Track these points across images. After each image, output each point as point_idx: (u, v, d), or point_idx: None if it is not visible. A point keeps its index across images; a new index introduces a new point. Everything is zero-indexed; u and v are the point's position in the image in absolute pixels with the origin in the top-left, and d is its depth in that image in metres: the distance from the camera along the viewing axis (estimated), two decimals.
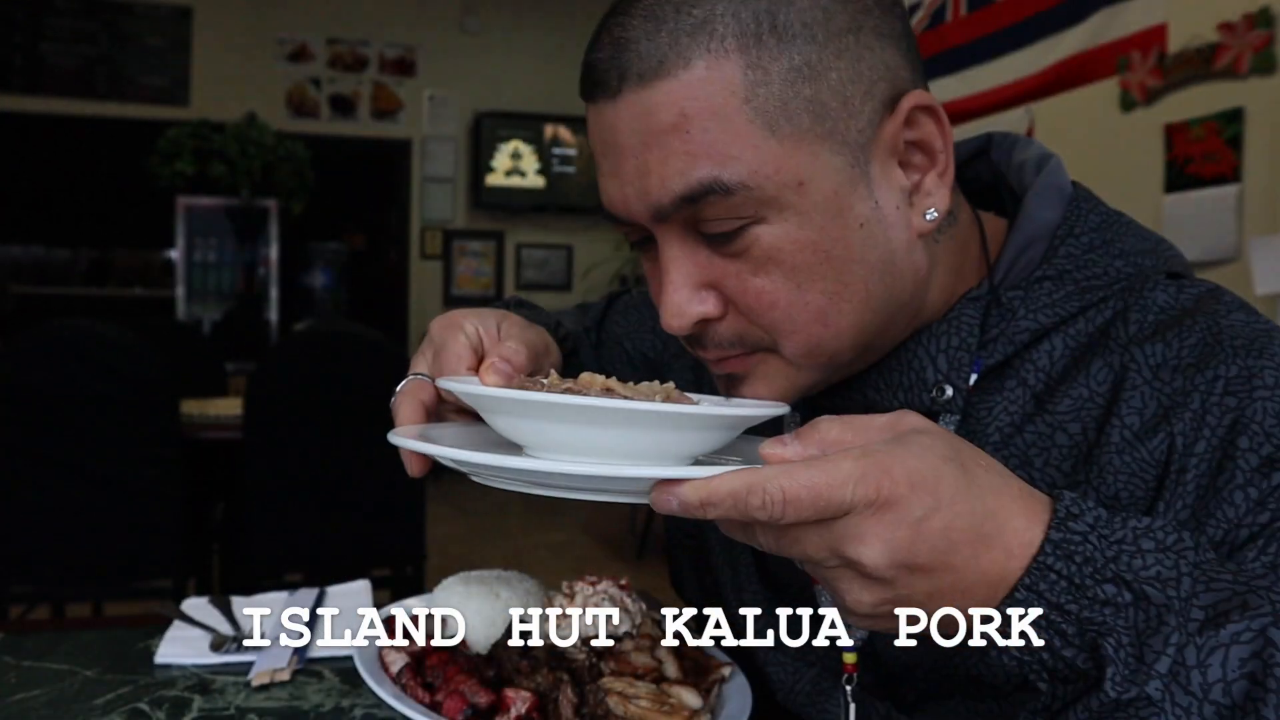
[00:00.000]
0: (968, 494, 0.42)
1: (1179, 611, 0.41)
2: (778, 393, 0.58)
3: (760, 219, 0.52)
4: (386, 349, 2.35)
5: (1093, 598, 0.41)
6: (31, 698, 0.69)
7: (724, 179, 0.51)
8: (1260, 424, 0.49)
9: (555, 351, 0.67)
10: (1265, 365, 0.51)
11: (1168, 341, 0.54)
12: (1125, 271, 0.58)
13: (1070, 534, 0.42)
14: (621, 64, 0.52)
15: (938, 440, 0.43)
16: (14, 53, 5.99)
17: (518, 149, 6.72)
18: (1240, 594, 0.41)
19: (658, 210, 0.53)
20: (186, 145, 5.17)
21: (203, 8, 6.26)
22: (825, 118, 0.52)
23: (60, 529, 2.20)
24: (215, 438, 2.40)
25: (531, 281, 6.93)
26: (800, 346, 0.55)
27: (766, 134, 0.51)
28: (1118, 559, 0.42)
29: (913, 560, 0.42)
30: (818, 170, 0.52)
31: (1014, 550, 0.43)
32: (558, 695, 0.61)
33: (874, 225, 0.54)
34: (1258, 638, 0.40)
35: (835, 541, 0.42)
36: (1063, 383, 0.56)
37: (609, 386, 0.49)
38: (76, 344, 2.14)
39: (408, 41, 6.61)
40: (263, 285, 5.64)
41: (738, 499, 0.41)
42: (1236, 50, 2.93)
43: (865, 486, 0.40)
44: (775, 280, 0.53)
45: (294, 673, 0.75)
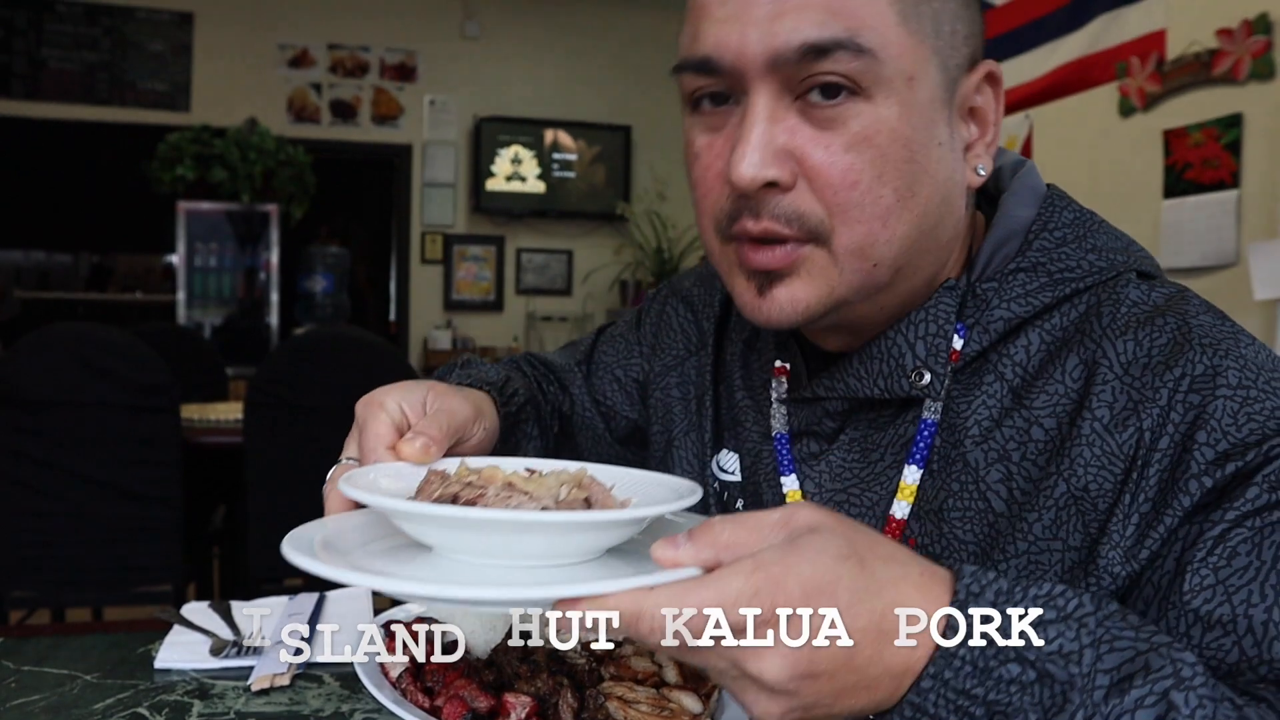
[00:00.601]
0: (866, 592, 0.42)
1: (1082, 688, 0.41)
2: (818, 295, 0.57)
3: (869, 95, 0.53)
4: (387, 353, 2.35)
5: (998, 679, 0.41)
6: (31, 702, 0.69)
7: (859, 40, 0.52)
8: (1219, 420, 0.51)
9: (488, 414, 0.66)
10: (1229, 365, 0.53)
11: (1139, 339, 0.55)
12: (1097, 265, 0.59)
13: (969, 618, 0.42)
14: None
15: (832, 539, 0.43)
16: (15, 58, 6.00)
17: (518, 154, 6.73)
18: (1143, 654, 0.42)
19: (778, 55, 0.53)
20: (187, 150, 5.17)
21: (204, 13, 6.28)
22: (940, 35, 0.56)
23: (60, 533, 2.20)
24: (216, 442, 2.40)
25: (531, 286, 6.94)
26: (856, 239, 0.56)
27: (900, 21, 0.53)
28: None
29: (813, 669, 0.41)
30: (926, 74, 0.55)
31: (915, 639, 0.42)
32: (558, 700, 0.61)
33: (947, 151, 0.57)
34: (1160, 701, 0.40)
35: (734, 658, 0.41)
36: (1039, 378, 0.58)
37: (510, 481, 0.50)
38: (77, 348, 2.14)
39: (408, 47, 6.62)
40: (263, 290, 5.65)
41: (628, 623, 0.40)
42: (1235, 56, 2.93)
43: (758, 599, 0.40)
44: (864, 160, 0.54)
45: (294, 677, 0.75)
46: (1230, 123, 2.95)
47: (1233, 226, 2.94)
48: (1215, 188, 3.00)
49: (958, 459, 0.59)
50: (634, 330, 0.84)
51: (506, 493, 0.49)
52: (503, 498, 0.49)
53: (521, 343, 6.87)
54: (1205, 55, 3.02)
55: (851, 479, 0.64)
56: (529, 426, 0.74)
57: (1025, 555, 0.55)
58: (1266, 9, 2.85)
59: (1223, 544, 0.49)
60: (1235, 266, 2.94)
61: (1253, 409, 0.51)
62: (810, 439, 0.67)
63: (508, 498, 0.49)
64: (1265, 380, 0.53)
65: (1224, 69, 2.96)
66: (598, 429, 0.83)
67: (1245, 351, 0.54)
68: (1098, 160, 3.46)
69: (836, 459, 0.64)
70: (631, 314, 0.86)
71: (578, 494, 0.50)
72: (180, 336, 3.74)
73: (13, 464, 2.16)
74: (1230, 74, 2.94)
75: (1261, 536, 0.48)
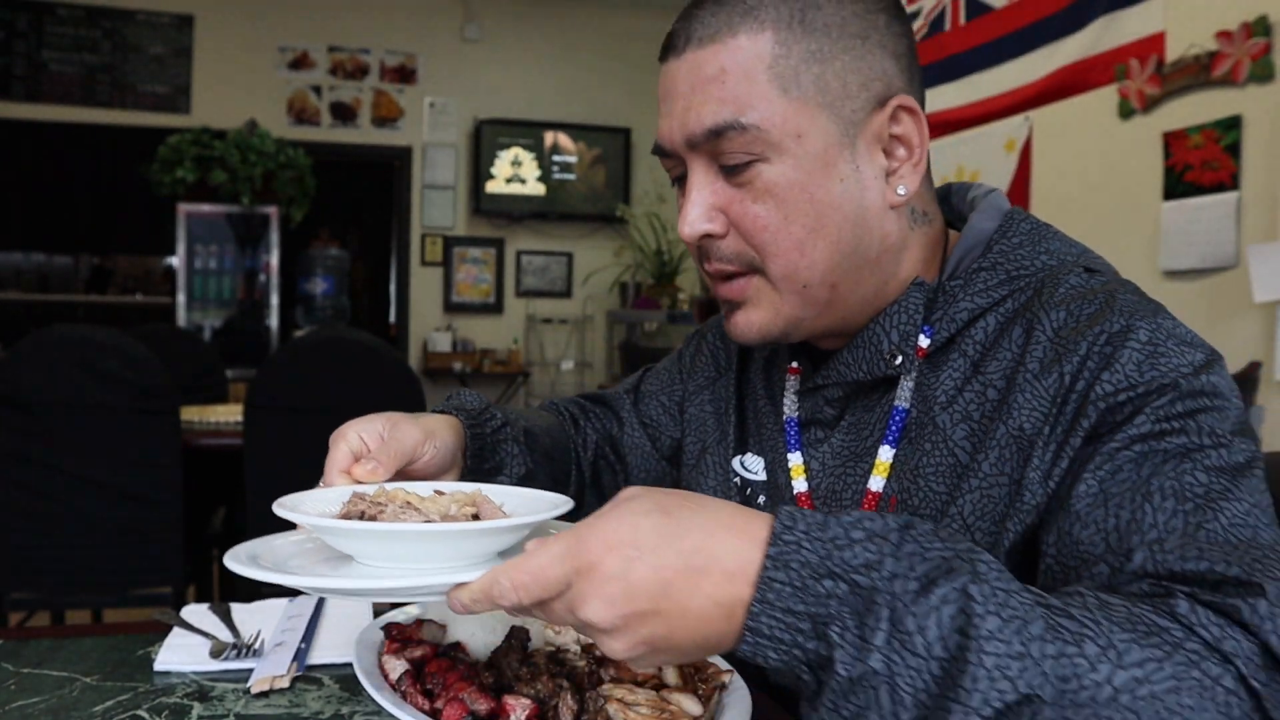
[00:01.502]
0: (671, 536, 0.49)
1: (884, 590, 0.46)
2: (767, 317, 0.71)
3: (765, 158, 0.67)
4: (386, 356, 2.35)
5: (816, 594, 0.47)
6: (31, 705, 0.69)
7: (742, 120, 0.66)
8: (1123, 365, 0.60)
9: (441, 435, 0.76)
10: (1143, 327, 0.61)
11: (1070, 310, 0.65)
12: (1049, 264, 0.70)
13: (785, 546, 0.48)
14: (689, 30, 0.69)
15: (640, 501, 0.51)
16: (16, 60, 6.00)
17: (518, 156, 6.74)
18: (948, 560, 0.48)
19: (690, 139, 0.68)
20: (188, 152, 5.17)
21: (204, 16, 6.28)
22: (826, 92, 0.67)
23: (60, 535, 2.19)
24: (216, 444, 2.40)
25: (531, 288, 6.94)
26: (781, 268, 0.69)
27: (779, 93, 0.66)
28: (830, 556, 0.48)
29: (632, 607, 0.49)
30: (814, 129, 0.67)
31: (733, 572, 0.49)
32: (557, 702, 0.61)
33: (851, 184, 0.68)
34: (960, 595, 0.46)
35: (571, 608, 0.50)
36: (992, 349, 0.68)
37: (408, 500, 0.60)
38: (77, 350, 2.14)
39: (408, 49, 6.63)
40: (263, 292, 5.65)
41: (487, 595, 0.51)
42: (1235, 58, 2.93)
43: (568, 560, 0.49)
44: (769, 209, 0.68)
45: (293, 679, 0.75)
46: (1230, 125, 2.95)
47: (1232, 228, 2.94)
48: (1215, 190, 3.00)
49: (929, 424, 0.69)
50: (676, 362, 0.98)
51: (402, 510, 0.59)
52: (397, 513, 0.58)
53: (521, 345, 6.87)
54: (1205, 57, 3.02)
55: (846, 457, 0.74)
56: (509, 446, 0.83)
57: (978, 490, 0.65)
58: (1266, 11, 2.85)
59: (1111, 461, 0.58)
60: (1235, 269, 2.94)
61: (1157, 361, 0.60)
62: (816, 427, 0.78)
63: (401, 513, 0.59)
64: (1174, 343, 0.61)
65: (1223, 71, 2.96)
66: (645, 448, 0.95)
67: (1161, 321, 0.62)
68: (1097, 162, 3.46)
69: (837, 441, 0.75)
70: (675, 352, 1.00)
71: (466, 510, 0.60)
72: (180, 339, 3.75)
73: (12, 466, 2.16)
74: (1230, 76, 2.95)
75: (1144, 458, 0.57)
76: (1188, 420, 0.58)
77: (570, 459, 0.93)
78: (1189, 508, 0.54)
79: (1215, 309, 3.01)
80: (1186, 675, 0.45)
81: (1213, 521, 0.53)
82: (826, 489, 0.74)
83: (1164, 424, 0.58)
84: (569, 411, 0.98)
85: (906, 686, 0.45)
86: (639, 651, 0.50)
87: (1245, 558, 0.50)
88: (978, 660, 0.44)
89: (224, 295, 5.61)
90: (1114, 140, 3.39)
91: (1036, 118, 3.74)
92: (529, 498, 0.69)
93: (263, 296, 5.63)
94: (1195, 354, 0.61)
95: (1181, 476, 0.55)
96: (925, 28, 4.37)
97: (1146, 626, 0.47)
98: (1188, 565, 0.51)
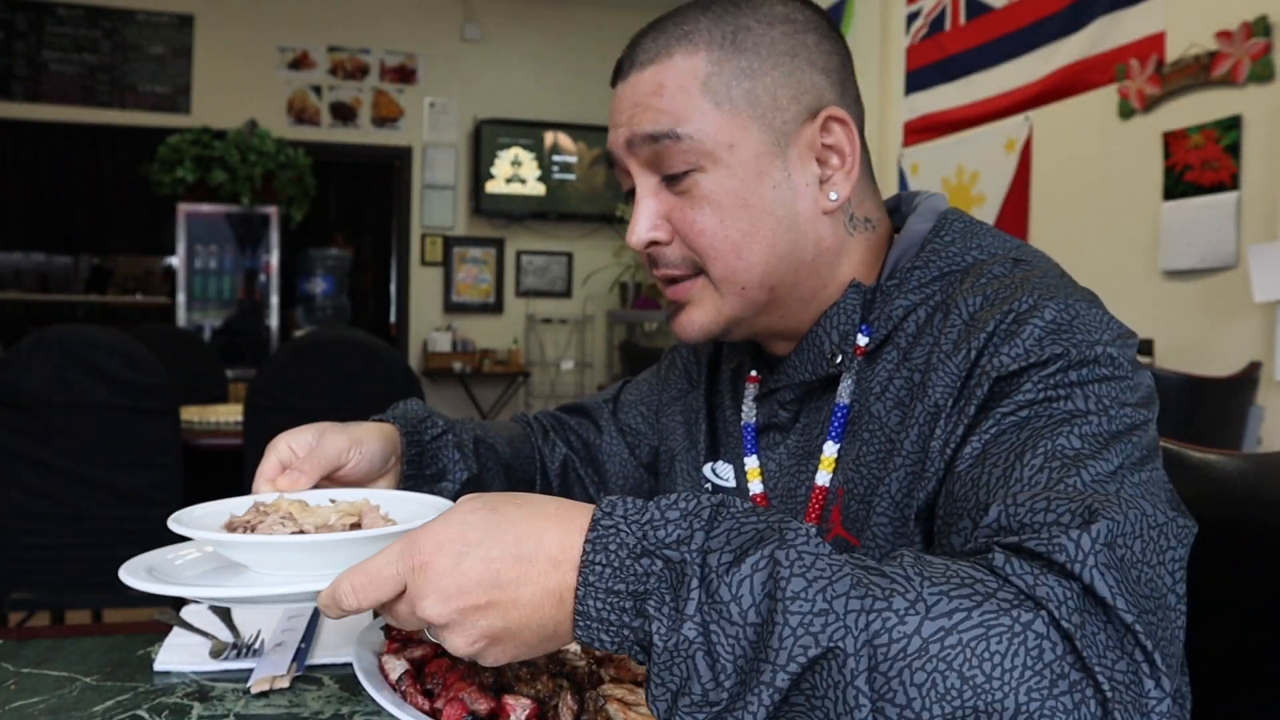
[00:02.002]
0: (497, 530, 0.52)
1: (694, 562, 0.48)
2: (709, 316, 0.75)
3: (701, 168, 0.71)
4: (386, 355, 2.35)
5: (634, 573, 0.49)
6: (31, 705, 0.69)
7: (677, 130, 0.71)
8: (1023, 339, 0.61)
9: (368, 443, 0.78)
10: (1049, 306, 0.63)
11: (986, 294, 0.67)
12: (979, 259, 0.72)
13: (603, 531, 0.50)
14: (632, 56, 0.75)
15: (471, 502, 0.54)
16: (16, 60, 6.00)
17: (518, 156, 6.74)
18: (760, 532, 0.50)
19: (630, 141, 0.73)
20: (188, 152, 5.17)
21: (204, 16, 6.28)
22: (757, 105, 0.71)
23: (60, 535, 2.19)
24: (215, 444, 2.40)
25: (531, 288, 6.94)
26: (721, 270, 0.73)
27: (712, 106, 0.71)
28: (645, 537, 0.50)
29: (466, 600, 0.51)
30: (746, 139, 0.71)
31: (558, 559, 0.51)
32: (558, 702, 0.61)
33: (784, 190, 0.72)
34: (769, 561, 0.48)
35: (410, 608, 0.52)
36: (919, 337, 0.70)
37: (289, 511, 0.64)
38: (77, 350, 2.14)
39: (408, 49, 6.63)
40: (263, 292, 5.65)
41: (332, 599, 0.54)
42: (1235, 58, 2.93)
43: (403, 560, 0.52)
44: (706, 216, 0.72)
45: (293, 679, 0.75)
46: (1230, 125, 2.95)
47: (1232, 228, 2.94)
48: (1215, 190, 3.00)
49: (867, 414, 0.72)
50: (654, 374, 1.00)
51: (282, 520, 0.63)
52: (274, 525, 0.62)
53: (521, 345, 6.87)
54: (1205, 57, 3.02)
55: (800, 457, 0.77)
56: (450, 452, 0.87)
57: (902, 468, 0.67)
58: (1266, 11, 2.85)
59: (996, 425, 0.60)
60: (1235, 269, 2.94)
61: (1058, 337, 0.61)
62: (774, 431, 0.81)
63: (279, 524, 0.62)
64: (1080, 324, 0.62)
65: (1223, 71, 2.96)
66: (623, 455, 0.97)
67: (1073, 304, 0.63)
68: (1097, 162, 3.46)
69: (791, 442, 0.78)
70: (657, 364, 1.03)
71: (347, 520, 0.63)
72: (180, 339, 3.75)
73: (12, 466, 2.16)
74: (1230, 76, 2.95)
75: (1026, 423, 0.59)
76: (1075, 389, 0.59)
77: (534, 468, 0.96)
78: (1055, 465, 0.55)
79: (1215, 309, 3.01)
80: (995, 623, 0.46)
81: (1074, 477, 0.54)
82: (782, 488, 0.77)
83: (1051, 391, 0.59)
84: (540, 424, 1.00)
85: (725, 653, 0.47)
86: (479, 645, 0.52)
87: (1088, 503, 0.51)
88: (783, 620, 0.46)
89: (224, 295, 5.61)
90: (1114, 140, 3.39)
91: (1036, 118, 3.74)
92: (422, 504, 0.72)
93: (262, 296, 5.63)
94: (1101, 333, 0.61)
95: (1056, 439, 0.56)
96: (925, 28, 4.37)
97: (959, 580, 0.48)
98: (1035, 517, 0.52)
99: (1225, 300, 2.98)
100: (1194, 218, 3.06)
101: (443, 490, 0.85)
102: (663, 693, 0.48)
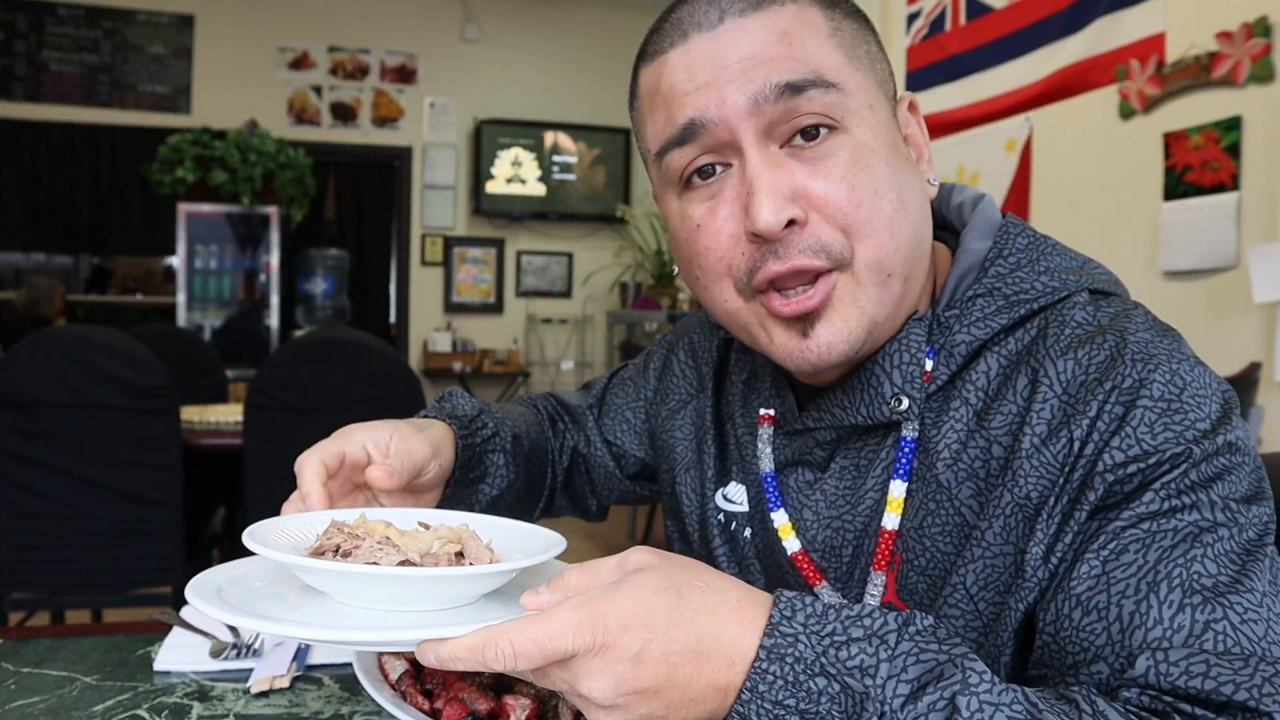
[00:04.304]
0: (681, 619, 0.48)
1: (875, 698, 0.46)
2: (854, 320, 0.61)
3: (845, 127, 0.60)
4: (386, 356, 2.35)
5: (807, 691, 0.47)
6: (31, 704, 0.69)
7: (826, 76, 0.60)
8: (1134, 427, 0.55)
9: (445, 454, 0.73)
10: (1156, 379, 0.57)
11: (1078, 358, 0.59)
12: (1050, 285, 0.64)
13: (781, 638, 0.48)
14: (720, 6, 0.61)
15: (653, 576, 0.50)
16: (16, 61, 6.00)
17: (518, 156, 6.74)
18: (941, 664, 0.47)
19: (758, 97, 0.59)
20: (188, 152, 5.17)
21: (205, 16, 6.28)
22: (876, 71, 0.64)
23: (60, 535, 2.19)
24: (215, 444, 2.40)
25: (531, 289, 6.94)
26: (872, 253, 0.60)
27: (848, 62, 0.61)
28: (825, 653, 0.48)
29: (637, 687, 0.48)
30: (879, 102, 0.63)
31: (733, 659, 0.48)
32: (557, 703, 0.61)
33: (911, 166, 0.64)
34: (948, 705, 0.46)
35: (570, 679, 0.48)
36: (996, 399, 0.62)
37: (387, 535, 0.56)
38: (77, 350, 2.14)
39: (409, 49, 6.63)
40: (263, 292, 5.64)
41: (475, 654, 0.48)
42: (1235, 59, 2.93)
43: (583, 635, 0.47)
44: (859, 182, 0.60)
45: (293, 679, 0.75)
46: (1230, 125, 2.95)
47: (1233, 229, 2.94)
48: (1215, 190, 3.00)
49: (932, 480, 0.63)
50: (641, 374, 0.91)
51: (380, 546, 0.55)
52: (374, 549, 0.55)
53: (521, 345, 6.87)
54: (1205, 58, 3.02)
55: (845, 504, 0.68)
56: (495, 457, 0.80)
57: (981, 560, 0.60)
58: (1266, 12, 2.85)
59: (1116, 540, 0.54)
60: (1235, 269, 2.94)
61: (1170, 420, 0.55)
62: (804, 468, 0.71)
63: (379, 549, 0.55)
64: (1189, 395, 0.56)
65: (1223, 71, 2.96)
66: (609, 467, 0.91)
67: (1176, 367, 0.57)
68: (1097, 163, 3.46)
69: (830, 486, 0.69)
70: (641, 358, 0.93)
71: (450, 548, 0.57)
72: (180, 338, 3.74)
73: (12, 466, 2.16)
74: (1230, 76, 2.95)
75: (1151, 539, 0.53)
76: (1199, 493, 0.54)
77: (547, 461, 0.90)
78: (1196, 601, 0.51)
79: (1215, 309, 3.01)
80: None
81: (1221, 621, 0.51)
82: (823, 542, 0.68)
83: (1174, 500, 0.54)
84: (546, 411, 0.94)
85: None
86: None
87: (1254, 677, 0.49)
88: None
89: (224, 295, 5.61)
90: (1114, 141, 3.39)
91: (1037, 118, 3.74)
92: (517, 532, 0.64)
93: (263, 296, 5.63)
94: (1210, 404, 0.56)
95: (1190, 565, 0.52)
96: (925, 28, 4.37)
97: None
98: (1192, 683, 0.49)
99: (1225, 301, 2.98)
100: (1194, 218, 3.06)
101: (480, 493, 0.78)
102: None
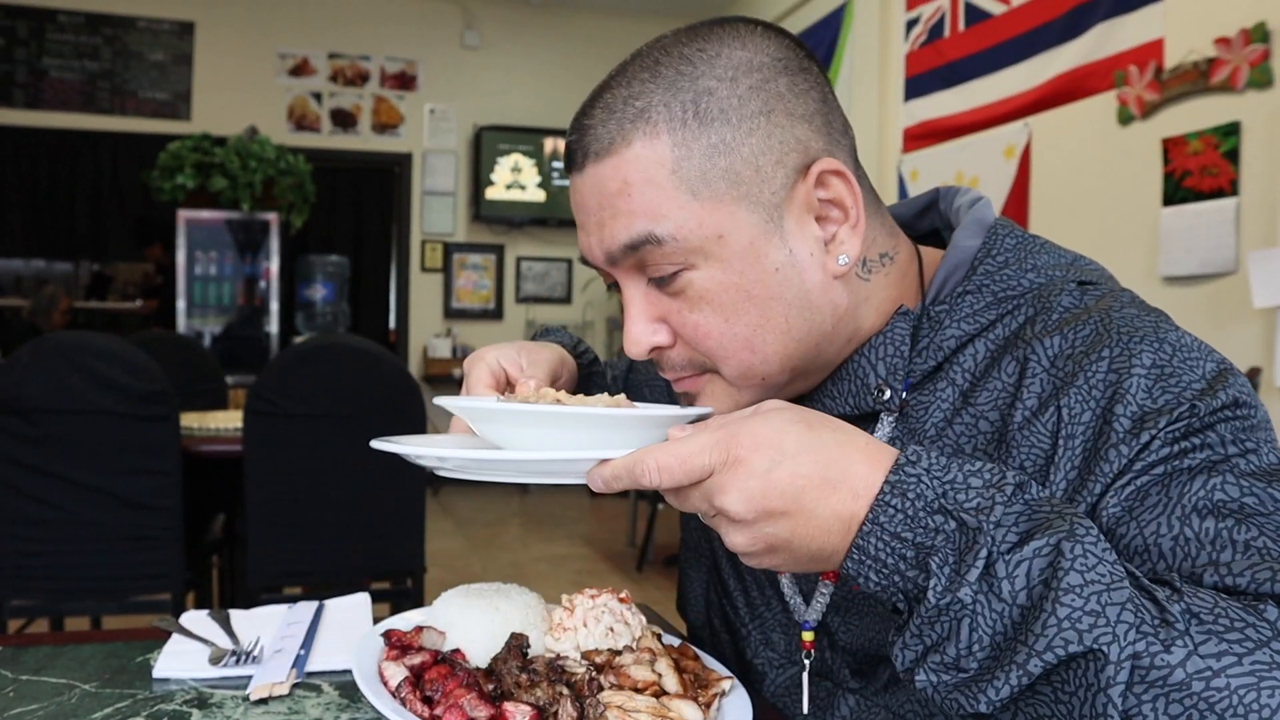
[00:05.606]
0: (811, 448, 0.52)
1: (988, 533, 0.49)
2: (729, 406, 0.68)
3: (691, 265, 0.64)
4: (386, 362, 2.35)
5: (925, 526, 0.50)
6: (29, 712, 0.69)
7: (656, 233, 0.63)
8: (1133, 395, 0.57)
9: (569, 362, 0.81)
10: (1144, 349, 0.59)
11: (1064, 335, 0.62)
12: (1037, 282, 0.66)
13: (906, 476, 0.51)
14: (584, 145, 0.65)
15: (787, 410, 0.55)
16: (17, 67, 6.01)
17: (518, 162, 6.75)
18: (1049, 519, 0.49)
19: (609, 256, 0.65)
20: (188, 159, 5.17)
21: (205, 22, 6.30)
22: (739, 183, 0.63)
23: (59, 542, 2.19)
24: (215, 450, 2.40)
25: (531, 294, 6.95)
26: (735, 369, 0.66)
27: (689, 197, 0.62)
28: (945, 494, 0.50)
29: (766, 505, 0.52)
30: (735, 226, 0.63)
31: (859, 491, 0.52)
32: (557, 709, 0.61)
33: (788, 270, 0.64)
34: (1053, 551, 0.48)
35: (708, 495, 0.53)
36: (983, 379, 0.65)
37: (557, 399, 0.62)
38: (76, 356, 2.14)
39: (409, 56, 6.64)
40: (263, 298, 5.65)
41: (630, 472, 0.54)
42: (1233, 65, 2.94)
43: (717, 451, 0.52)
44: (707, 315, 0.65)
45: (292, 686, 0.75)
46: (1228, 131, 2.96)
47: (1232, 234, 2.94)
48: (1214, 195, 3.00)
49: None
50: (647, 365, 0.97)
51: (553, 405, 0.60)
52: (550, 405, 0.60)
53: None
54: (1203, 64, 3.03)
55: None
56: (600, 379, 0.89)
57: None
58: (1264, 18, 2.86)
59: (1132, 485, 0.56)
60: (1234, 274, 2.95)
61: (1166, 383, 0.57)
62: None
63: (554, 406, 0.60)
64: (1180, 359, 0.58)
65: (1222, 77, 2.97)
66: None
67: (1163, 335, 0.59)
68: (1096, 168, 3.47)
69: None
70: None
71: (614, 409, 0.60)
72: (180, 345, 3.74)
73: (12, 472, 2.16)
74: (1228, 82, 2.95)
75: (1168, 478, 0.55)
76: (1206, 433, 0.55)
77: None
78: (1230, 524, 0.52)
79: (1215, 315, 3.01)
80: (1267, 675, 0.44)
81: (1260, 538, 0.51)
82: None
83: (1180, 443, 0.55)
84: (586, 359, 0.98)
85: (986, 626, 0.48)
86: (758, 548, 0.54)
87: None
88: (1052, 609, 0.46)
89: (224, 301, 5.61)
90: (1113, 146, 3.39)
91: (1036, 124, 3.75)
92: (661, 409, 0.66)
93: (262, 303, 5.63)
94: (1204, 364, 0.58)
95: (1212, 493, 0.53)
96: (924, 34, 4.38)
97: (1229, 621, 0.46)
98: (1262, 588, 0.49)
99: (1225, 306, 2.98)
100: (1193, 224, 3.06)
101: None
102: (916, 644, 0.50)
